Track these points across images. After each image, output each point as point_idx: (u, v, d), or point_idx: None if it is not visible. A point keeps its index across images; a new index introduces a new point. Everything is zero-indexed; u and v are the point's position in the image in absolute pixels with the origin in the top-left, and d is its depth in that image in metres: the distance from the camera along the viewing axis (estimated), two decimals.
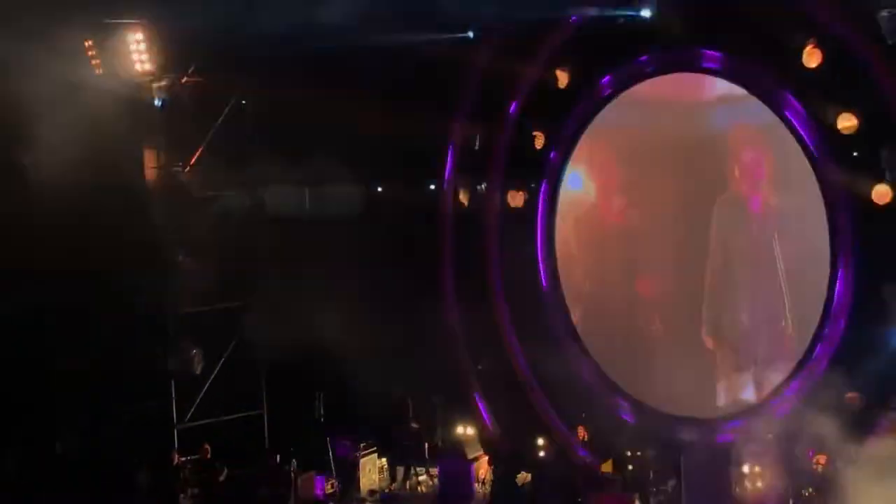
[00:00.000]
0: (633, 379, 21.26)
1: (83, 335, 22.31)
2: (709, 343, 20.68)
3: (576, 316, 21.99)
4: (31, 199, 20.38)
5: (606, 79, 20.98)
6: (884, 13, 16.10)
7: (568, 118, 21.34)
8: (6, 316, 20.68)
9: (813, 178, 18.76)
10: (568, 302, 21.91)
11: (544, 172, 21.82)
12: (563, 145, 21.56)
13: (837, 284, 18.55)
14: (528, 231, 21.99)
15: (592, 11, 19.87)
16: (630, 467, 19.26)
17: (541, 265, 21.96)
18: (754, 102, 19.46)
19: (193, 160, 22.29)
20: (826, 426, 16.63)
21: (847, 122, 17.69)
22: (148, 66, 21.54)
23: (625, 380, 21.35)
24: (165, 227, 22.25)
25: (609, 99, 20.97)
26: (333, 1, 17.70)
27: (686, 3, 19.08)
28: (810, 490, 17.23)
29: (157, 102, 21.79)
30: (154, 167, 22.15)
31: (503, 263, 22.17)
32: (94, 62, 21.39)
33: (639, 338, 21.30)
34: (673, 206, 20.93)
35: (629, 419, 20.81)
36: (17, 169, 20.24)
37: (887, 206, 17.17)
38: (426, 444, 21.60)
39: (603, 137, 21.53)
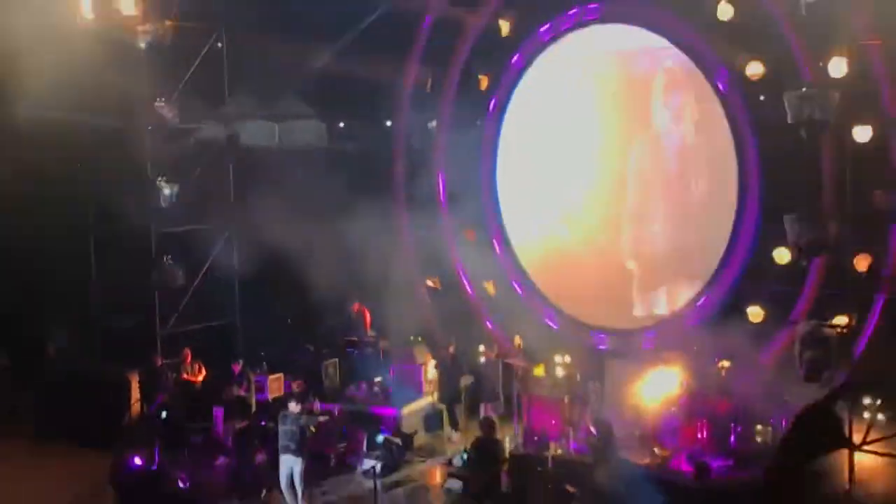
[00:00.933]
0: (563, 295, 21.38)
1: (76, 252, 22.29)
2: (629, 265, 20.80)
3: (514, 239, 22.01)
4: (29, 129, 20.22)
5: (544, 27, 20.92)
6: None
7: (509, 63, 21.30)
8: (10, 235, 20.60)
9: (724, 119, 18.84)
10: (508, 226, 21.99)
11: (488, 111, 21.81)
12: (505, 87, 21.57)
13: (743, 215, 18.64)
14: (473, 161, 21.96)
15: None
16: (558, 371, 19.45)
17: (485, 191, 21.98)
18: (675, 51, 19.47)
19: (174, 96, 22.16)
20: (729, 337, 16.80)
21: (755, 70, 17.75)
22: (133, 11, 21.34)
23: (556, 295, 21.49)
24: (148, 155, 22.20)
25: (546, 46, 20.97)
26: None
27: None
28: (715, 391, 17.37)
29: (141, 44, 21.59)
30: (137, 102, 22.02)
31: (448, 189, 22.15)
32: (83, 7, 21.20)
33: (568, 259, 21.35)
34: (600, 143, 20.96)
35: (556, 328, 20.96)
36: (12, 103, 20.01)
37: (792, 149, 17.26)
38: (380, 350, 21.64)
39: (540, 81, 21.47)
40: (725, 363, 17.22)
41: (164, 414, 20.37)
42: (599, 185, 20.95)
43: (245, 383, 20.27)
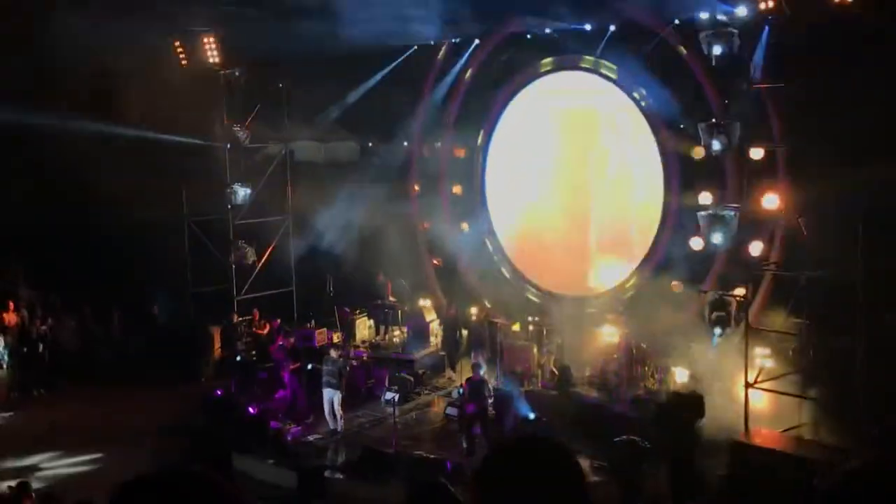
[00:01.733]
0: (537, 272, 21.29)
1: (175, 237, 22.37)
2: (586, 249, 20.71)
3: (498, 226, 21.83)
4: (140, 145, 20.33)
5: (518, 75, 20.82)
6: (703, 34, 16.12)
7: (496, 99, 21.24)
8: (125, 224, 20.67)
9: (653, 138, 18.83)
10: (493, 217, 21.91)
11: (479, 134, 21.75)
12: (492, 117, 21.49)
13: (669, 208, 18.63)
14: (468, 172, 21.95)
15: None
16: (530, 327, 19.53)
17: (481, 194, 21.95)
18: (618, 90, 19.44)
19: (246, 122, 22.23)
20: (656, 302, 16.88)
21: (676, 106, 17.72)
22: (216, 59, 21.43)
23: (531, 272, 21.40)
24: (226, 166, 22.29)
25: (523, 86, 20.85)
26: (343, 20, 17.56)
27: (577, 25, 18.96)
28: (642, 344, 17.49)
29: (222, 82, 21.69)
30: (219, 126, 22.11)
31: (449, 192, 22.14)
32: (181, 56, 21.28)
33: (540, 245, 21.27)
34: (563, 156, 20.90)
35: (533, 298, 20.95)
36: (129, 126, 20.12)
37: (701, 160, 17.27)
38: (399, 311, 21.75)
39: (518, 112, 21.41)
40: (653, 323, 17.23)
41: (238, 358, 20.55)
42: (563, 188, 20.89)
43: (289, 334, 20.34)
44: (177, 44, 21.21)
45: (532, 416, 16.50)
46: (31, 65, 18.92)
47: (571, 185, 20.73)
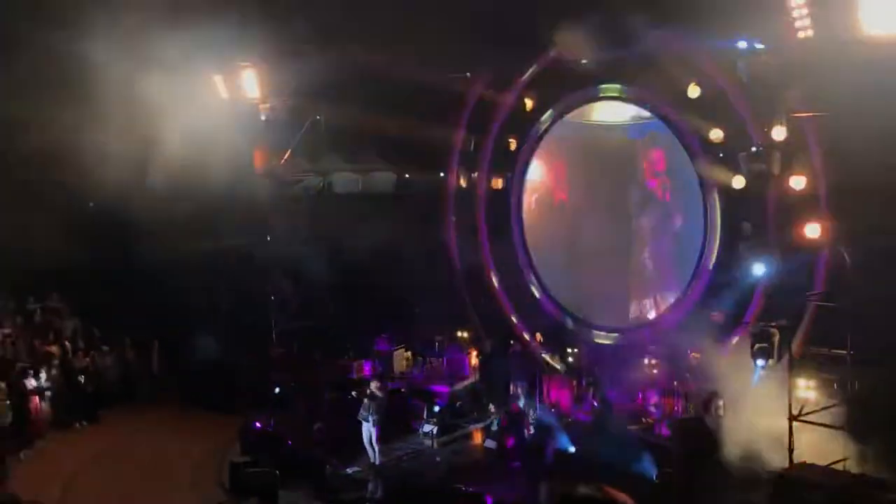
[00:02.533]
0: (577, 303, 21.05)
1: (212, 268, 22.47)
2: (631, 278, 20.58)
3: (536, 258, 21.66)
4: (180, 178, 20.56)
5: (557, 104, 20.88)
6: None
7: (531, 130, 21.30)
8: (163, 260, 20.90)
9: (693, 171, 18.78)
10: (531, 248, 21.88)
11: (515, 166, 21.81)
12: (528, 148, 21.49)
13: (707, 242, 18.49)
14: (504, 204, 21.99)
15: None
16: (570, 359, 19.46)
17: (514, 226, 21.91)
18: (655, 121, 19.46)
19: (285, 154, 22.44)
20: (699, 334, 16.78)
21: (715, 136, 17.67)
22: (256, 93, 21.67)
23: (570, 303, 21.16)
24: (267, 200, 22.45)
25: (560, 118, 20.90)
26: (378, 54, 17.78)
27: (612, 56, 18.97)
28: (688, 375, 17.35)
29: (262, 117, 21.92)
30: (260, 160, 22.31)
31: (488, 223, 22.13)
32: (221, 89, 21.56)
33: (580, 274, 21.23)
34: (602, 191, 20.91)
35: (573, 329, 20.83)
36: (170, 159, 20.33)
37: (741, 190, 17.18)
38: (436, 342, 21.71)
39: (554, 145, 21.47)
40: (696, 354, 17.12)
41: (277, 389, 20.61)
42: (601, 220, 20.88)
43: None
44: (218, 76, 21.49)
45: (572, 448, 16.41)
46: (73, 95, 19.25)
47: (610, 217, 20.71)
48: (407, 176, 23.65)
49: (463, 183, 22.30)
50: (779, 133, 16.09)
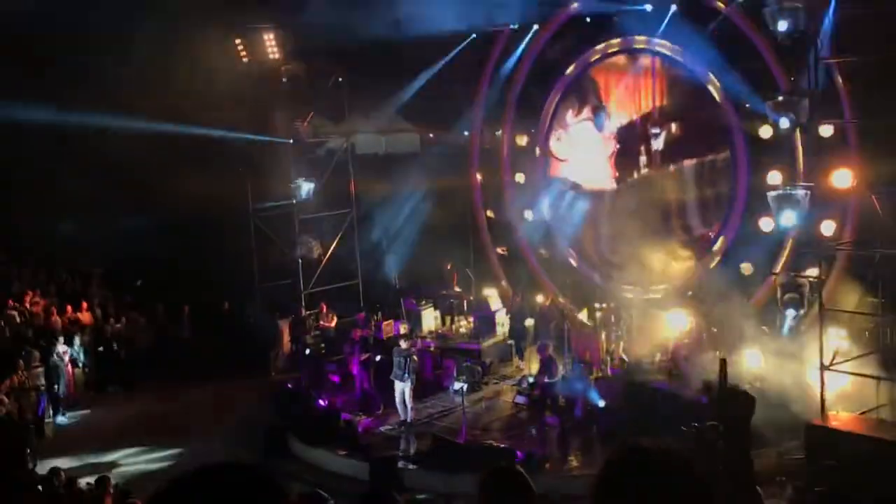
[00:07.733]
0: (604, 258, 20.87)
1: (241, 234, 22.62)
2: (659, 230, 20.30)
3: (562, 213, 21.27)
4: (205, 143, 20.65)
5: (578, 58, 20.64)
6: None
7: (556, 84, 21.04)
8: (191, 224, 21.06)
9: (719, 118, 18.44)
10: (557, 204, 21.53)
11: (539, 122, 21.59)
12: (554, 103, 21.20)
13: (737, 189, 18.35)
14: (530, 160, 21.83)
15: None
16: (598, 314, 19.40)
17: (544, 182, 21.72)
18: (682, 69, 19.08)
19: (308, 117, 22.44)
20: (728, 284, 16.69)
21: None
22: (278, 55, 21.64)
23: (597, 258, 20.99)
24: (290, 161, 22.50)
25: (585, 70, 20.52)
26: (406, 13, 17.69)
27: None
28: (713, 328, 17.16)
29: (283, 79, 21.89)
30: (281, 122, 22.34)
31: (512, 180, 22.02)
32: (242, 53, 21.55)
33: (606, 228, 20.96)
34: (626, 140, 20.62)
35: (600, 284, 20.69)
36: (193, 124, 20.38)
37: (769, 139, 16.92)
38: (465, 301, 21.79)
39: (580, 97, 21.04)
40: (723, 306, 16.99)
41: (307, 351, 20.79)
42: (627, 172, 20.61)
43: (369, 327, 20.50)
44: (238, 41, 21.47)
45: (602, 403, 16.43)
46: (100, 67, 19.36)
47: (636, 169, 20.49)
48: (431, 136, 23.56)
49: (487, 141, 22.17)
50: (806, 80, 15.84)
